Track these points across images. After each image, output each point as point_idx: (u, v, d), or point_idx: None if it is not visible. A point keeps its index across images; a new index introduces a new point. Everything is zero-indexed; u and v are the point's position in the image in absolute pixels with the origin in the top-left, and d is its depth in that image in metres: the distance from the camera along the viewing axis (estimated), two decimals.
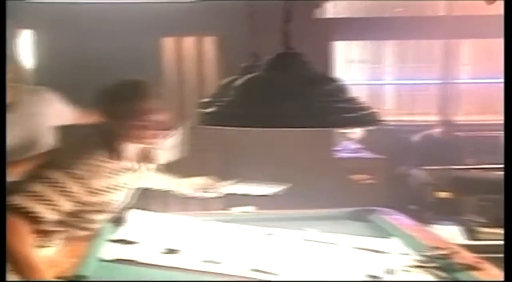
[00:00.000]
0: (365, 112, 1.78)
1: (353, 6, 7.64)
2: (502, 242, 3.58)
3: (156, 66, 6.08)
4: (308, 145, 5.56)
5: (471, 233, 3.70)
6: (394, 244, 2.81)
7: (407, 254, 2.65)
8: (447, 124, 7.05)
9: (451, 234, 3.73)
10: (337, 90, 1.81)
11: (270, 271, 2.39)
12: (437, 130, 6.98)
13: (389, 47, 8.74)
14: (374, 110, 1.83)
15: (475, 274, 2.38)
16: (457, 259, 2.52)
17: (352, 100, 1.82)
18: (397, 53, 8.71)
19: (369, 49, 8.83)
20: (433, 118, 7.56)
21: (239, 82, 1.93)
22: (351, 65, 8.66)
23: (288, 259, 2.59)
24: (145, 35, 5.92)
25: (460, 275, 2.37)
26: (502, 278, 2.35)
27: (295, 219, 3.29)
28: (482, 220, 3.79)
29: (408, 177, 6.10)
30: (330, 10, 6.87)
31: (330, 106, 1.71)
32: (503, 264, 2.62)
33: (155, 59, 6.13)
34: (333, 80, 1.86)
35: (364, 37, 7.84)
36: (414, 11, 7.62)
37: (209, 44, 6.22)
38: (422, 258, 2.56)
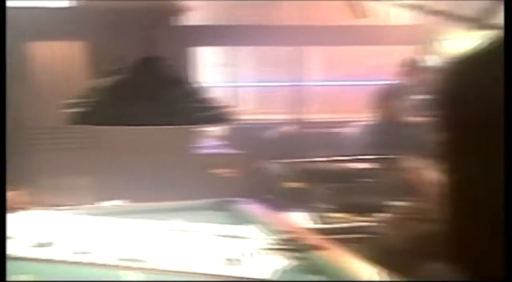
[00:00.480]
0: (220, 111, 1.87)
1: (214, 15, 7.75)
2: (346, 225, 3.81)
3: (23, 70, 5.93)
4: (170, 142, 5.60)
5: (319, 218, 3.90)
6: (251, 230, 2.93)
7: (263, 239, 2.77)
8: (299, 122, 7.34)
9: (301, 219, 3.90)
10: (195, 92, 1.89)
11: (139, 259, 2.43)
12: (290, 127, 7.23)
13: (249, 52, 8.93)
14: (229, 109, 1.92)
15: (320, 253, 2.54)
16: (304, 241, 2.68)
17: (208, 100, 1.90)
18: (256, 57, 8.91)
19: (231, 53, 8.98)
20: (287, 116, 7.80)
21: (105, 84, 1.96)
22: (214, 68, 8.77)
23: (155, 248, 2.63)
24: (13, 40, 5.76)
25: (308, 255, 2.52)
26: (349, 256, 2.52)
27: (162, 210, 3.34)
28: (329, 206, 3.98)
29: (264, 170, 6.27)
30: (192, 17, 6.94)
31: (189, 106, 1.78)
32: (346, 244, 2.82)
33: (23, 63, 5.97)
34: (191, 83, 1.93)
35: (223, 43, 7.98)
36: (268, 20, 7.83)
37: (77, 49, 6.13)
38: (275, 241, 2.69)
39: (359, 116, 6.05)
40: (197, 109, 1.77)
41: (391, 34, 7.08)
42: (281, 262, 2.47)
